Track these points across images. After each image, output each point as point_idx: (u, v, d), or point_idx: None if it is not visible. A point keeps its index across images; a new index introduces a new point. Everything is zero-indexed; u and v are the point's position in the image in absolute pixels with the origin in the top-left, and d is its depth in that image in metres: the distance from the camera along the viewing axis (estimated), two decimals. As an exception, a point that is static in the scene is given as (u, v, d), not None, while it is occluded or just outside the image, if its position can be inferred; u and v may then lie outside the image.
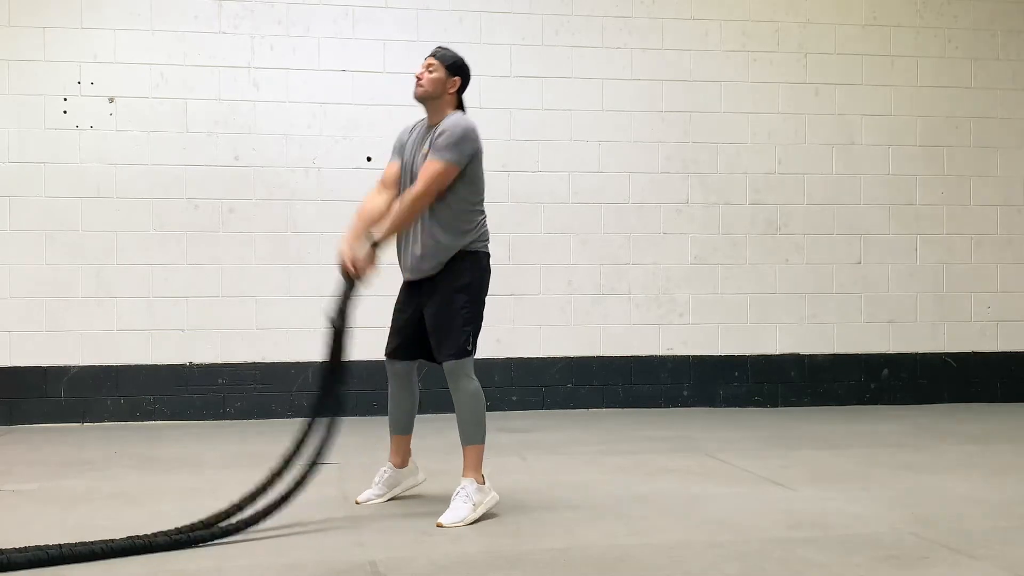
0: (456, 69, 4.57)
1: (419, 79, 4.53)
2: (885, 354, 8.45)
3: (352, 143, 7.77)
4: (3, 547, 3.76)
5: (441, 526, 4.26)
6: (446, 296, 4.48)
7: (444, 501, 4.54)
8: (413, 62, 7.32)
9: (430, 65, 4.51)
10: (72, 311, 7.44)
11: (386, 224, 4.41)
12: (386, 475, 4.78)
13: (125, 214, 7.49)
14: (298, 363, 7.67)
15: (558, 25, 8.02)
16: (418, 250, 4.51)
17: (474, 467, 4.46)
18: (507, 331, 7.83)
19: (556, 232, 8.02)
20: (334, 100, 7.75)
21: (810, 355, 8.37)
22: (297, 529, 4.28)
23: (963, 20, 8.58)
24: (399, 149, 4.68)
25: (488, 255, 4.63)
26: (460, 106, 4.62)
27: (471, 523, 4.32)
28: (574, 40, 8.04)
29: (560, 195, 8.03)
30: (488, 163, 7.46)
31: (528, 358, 7.89)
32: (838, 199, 8.41)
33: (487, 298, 4.68)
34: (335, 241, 7.13)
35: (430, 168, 4.36)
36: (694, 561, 3.80)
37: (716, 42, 8.23)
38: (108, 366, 7.47)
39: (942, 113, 8.55)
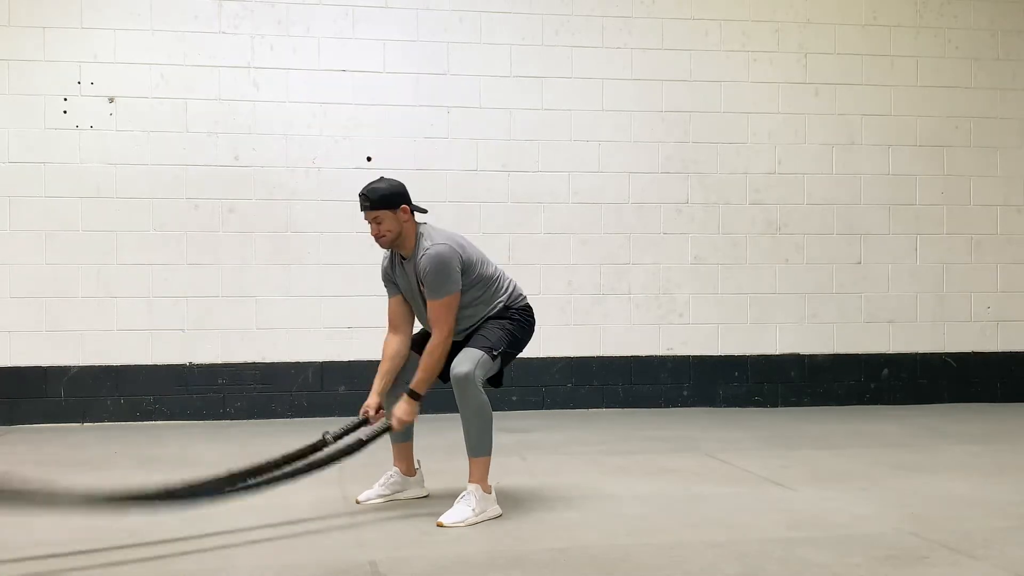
0: (395, 199, 4.52)
1: (378, 237, 4.52)
2: (885, 354, 8.43)
3: (352, 143, 7.74)
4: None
5: (442, 525, 4.26)
6: (493, 319, 4.61)
7: (444, 501, 4.54)
8: (413, 62, 7.67)
9: (376, 217, 4.48)
10: (72, 311, 7.41)
11: (421, 375, 4.46)
12: (392, 479, 4.80)
13: (125, 214, 7.47)
14: (298, 363, 7.67)
15: (558, 25, 7.98)
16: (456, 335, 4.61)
17: (480, 476, 4.46)
18: None
19: (556, 232, 7.99)
20: (334, 100, 7.73)
21: (810, 355, 8.34)
22: (297, 529, 4.27)
23: (963, 20, 8.54)
24: (392, 286, 4.73)
25: (530, 308, 4.74)
26: (415, 210, 4.60)
27: (470, 525, 4.32)
28: (574, 40, 8.01)
29: (560, 195, 8.01)
30: (488, 163, 7.81)
31: (528, 358, 7.71)
32: (838, 199, 8.37)
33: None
34: (335, 241, 7.45)
35: (438, 311, 4.44)
36: (694, 561, 3.79)
37: (716, 42, 8.20)
38: (108, 366, 7.45)
39: (942, 113, 8.51)
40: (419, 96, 7.78)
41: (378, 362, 4.67)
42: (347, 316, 7.60)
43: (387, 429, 4.47)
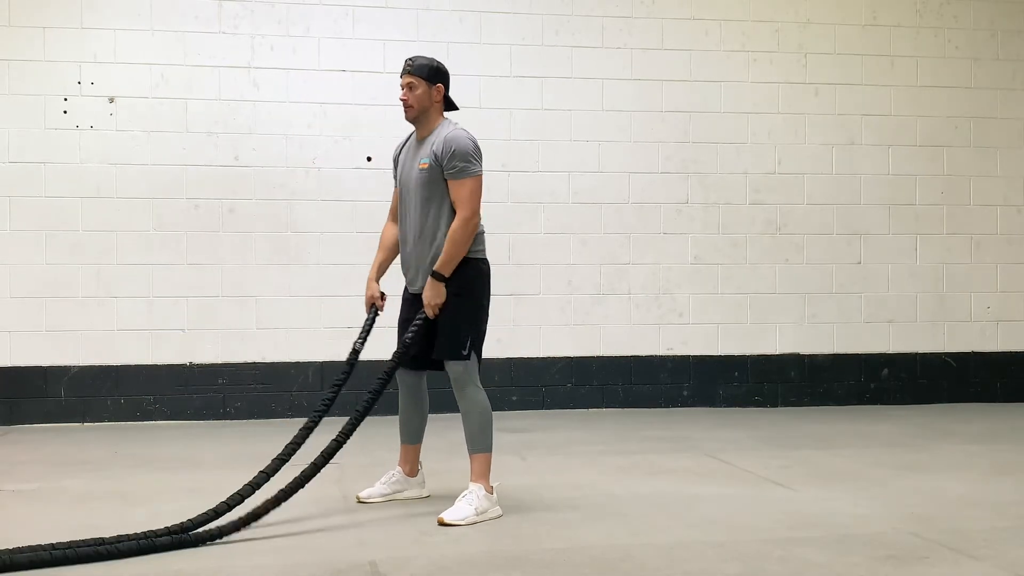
0: (435, 75, 4.53)
1: (405, 102, 4.50)
2: (885, 354, 8.43)
3: (352, 143, 7.74)
4: (3, 547, 3.76)
5: (443, 522, 4.26)
6: (447, 300, 4.48)
7: (445, 502, 4.54)
8: None
9: (410, 84, 4.48)
10: (72, 311, 7.40)
11: (445, 256, 4.41)
12: (394, 478, 4.79)
13: (125, 214, 7.46)
14: (298, 363, 7.66)
15: (558, 25, 7.99)
16: (422, 262, 4.56)
17: (482, 474, 4.46)
18: (507, 331, 7.77)
19: (556, 232, 7.99)
20: (334, 100, 7.72)
21: (810, 355, 8.34)
22: (297, 528, 4.27)
23: (963, 20, 8.56)
24: (396, 169, 4.73)
25: (486, 261, 4.63)
26: (449, 107, 4.63)
27: (471, 524, 4.31)
28: (574, 40, 8.01)
29: (560, 195, 8.00)
30: (488, 163, 7.46)
31: (528, 358, 7.87)
32: (838, 199, 8.38)
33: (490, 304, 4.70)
34: (335, 241, 7.45)
35: (461, 191, 4.38)
36: (694, 561, 3.79)
37: (716, 42, 8.20)
38: (108, 366, 7.44)
39: (942, 113, 8.52)
40: None
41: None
42: (348, 316, 7.47)
43: (426, 319, 4.44)
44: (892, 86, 8.47)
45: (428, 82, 4.47)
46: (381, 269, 4.74)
